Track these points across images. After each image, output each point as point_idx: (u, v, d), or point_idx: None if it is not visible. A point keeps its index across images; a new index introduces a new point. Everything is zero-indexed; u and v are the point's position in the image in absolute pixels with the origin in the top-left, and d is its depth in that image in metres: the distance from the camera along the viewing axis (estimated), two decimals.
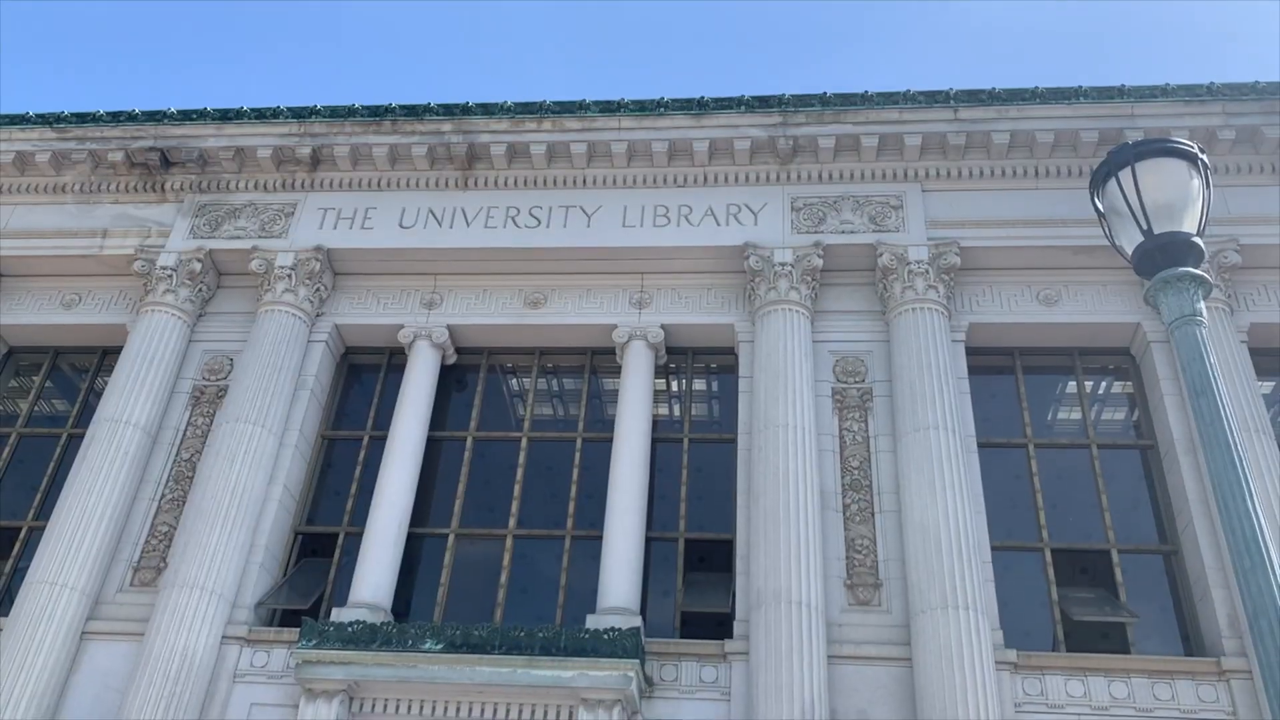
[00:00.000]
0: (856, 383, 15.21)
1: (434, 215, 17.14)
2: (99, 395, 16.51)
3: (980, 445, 14.76)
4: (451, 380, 17.12)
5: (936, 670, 12.24)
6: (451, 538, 15.50)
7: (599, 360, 16.87)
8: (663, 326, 16.15)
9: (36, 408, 17.60)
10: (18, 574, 15.24)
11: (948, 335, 15.08)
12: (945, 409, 14.19)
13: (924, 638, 12.57)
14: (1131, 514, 14.76)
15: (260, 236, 17.16)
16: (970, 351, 15.61)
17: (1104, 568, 14.21)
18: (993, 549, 13.83)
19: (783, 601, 12.90)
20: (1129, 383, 15.91)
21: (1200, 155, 7.15)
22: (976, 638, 12.42)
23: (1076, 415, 16.02)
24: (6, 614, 14.18)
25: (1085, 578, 14.35)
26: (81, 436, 15.96)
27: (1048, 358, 16.08)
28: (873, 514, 14.06)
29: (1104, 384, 16.29)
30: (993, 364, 16.04)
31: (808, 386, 14.69)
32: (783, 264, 15.69)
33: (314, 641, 13.22)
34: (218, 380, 16.40)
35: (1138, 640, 13.54)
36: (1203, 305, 6.68)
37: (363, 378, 17.53)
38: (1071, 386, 16.04)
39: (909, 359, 14.69)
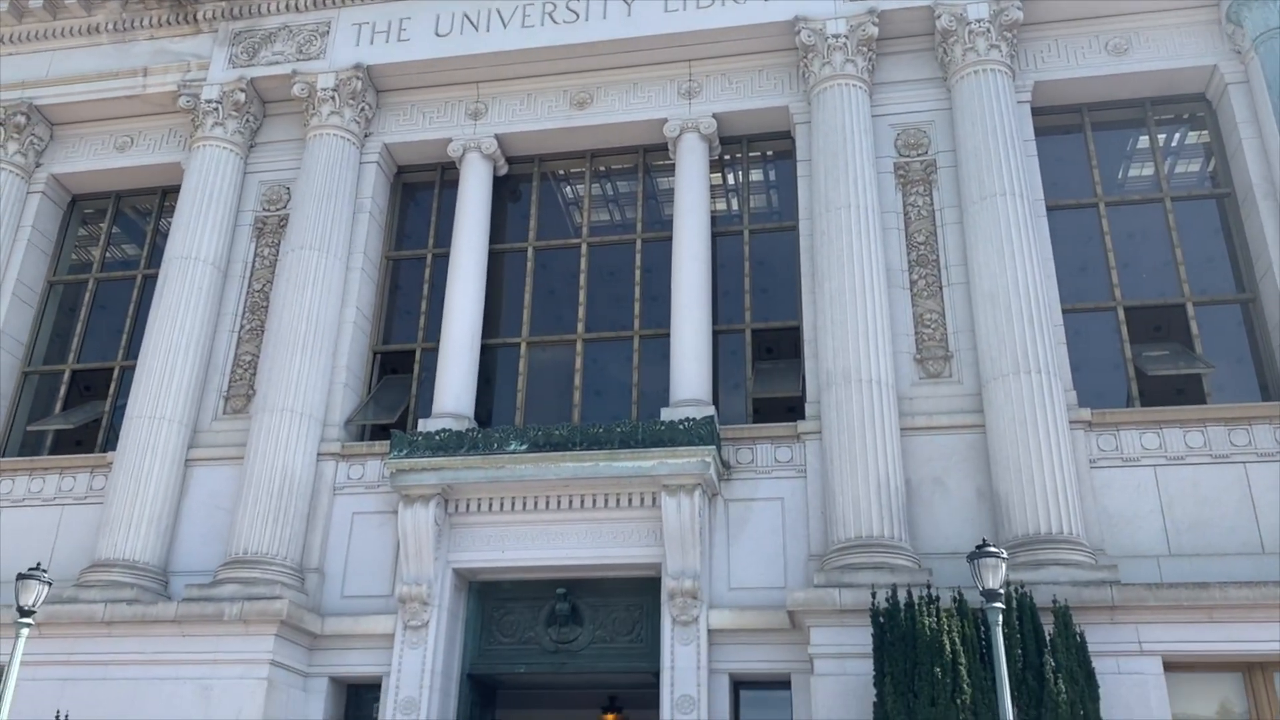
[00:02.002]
0: (919, 155, 14.79)
1: (469, 20, 16.60)
2: (165, 236, 16.79)
3: (1049, 209, 14.42)
4: (505, 192, 17.04)
5: (1010, 433, 12.41)
6: (523, 346, 15.81)
7: (652, 158, 16.58)
8: (715, 116, 15.74)
9: (108, 254, 17.99)
10: (117, 411, 16.00)
11: (1012, 97, 14.47)
12: (1012, 174, 13.79)
13: (996, 403, 12.69)
14: (1207, 266, 14.44)
15: (298, 60, 16.87)
16: (1036, 112, 15.02)
17: (1179, 322, 14.05)
18: (1064, 312, 13.73)
19: (853, 380, 13.05)
20: (1204, 131, 15.23)
21: None
22: (1049, 399, 12.50)
23: (1148, 171, 15.46)
24: (114, 449, 14.99)
25: (1159, 334, 14.22)
26: (155, 277, 16.36)
27: (1118, 111, 15.40)
28: (940, 288, 13.96)
29: (1177, 135, 15.62)
30: (1060, 124, 15.44)
31: (869, 164, 14.34)
32: (836, 36, 15.01)
33: (405, 451, 13.80)
34: (277, 210, 16.54)
35: (1213, 391, 13.51)
36: None
37: (418, 197, 17.53)
38: (1143, 141, 15.41)
39: (973, 125, 14.19)
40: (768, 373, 14.98)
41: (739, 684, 12.93)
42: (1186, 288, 14.11)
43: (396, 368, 16.35)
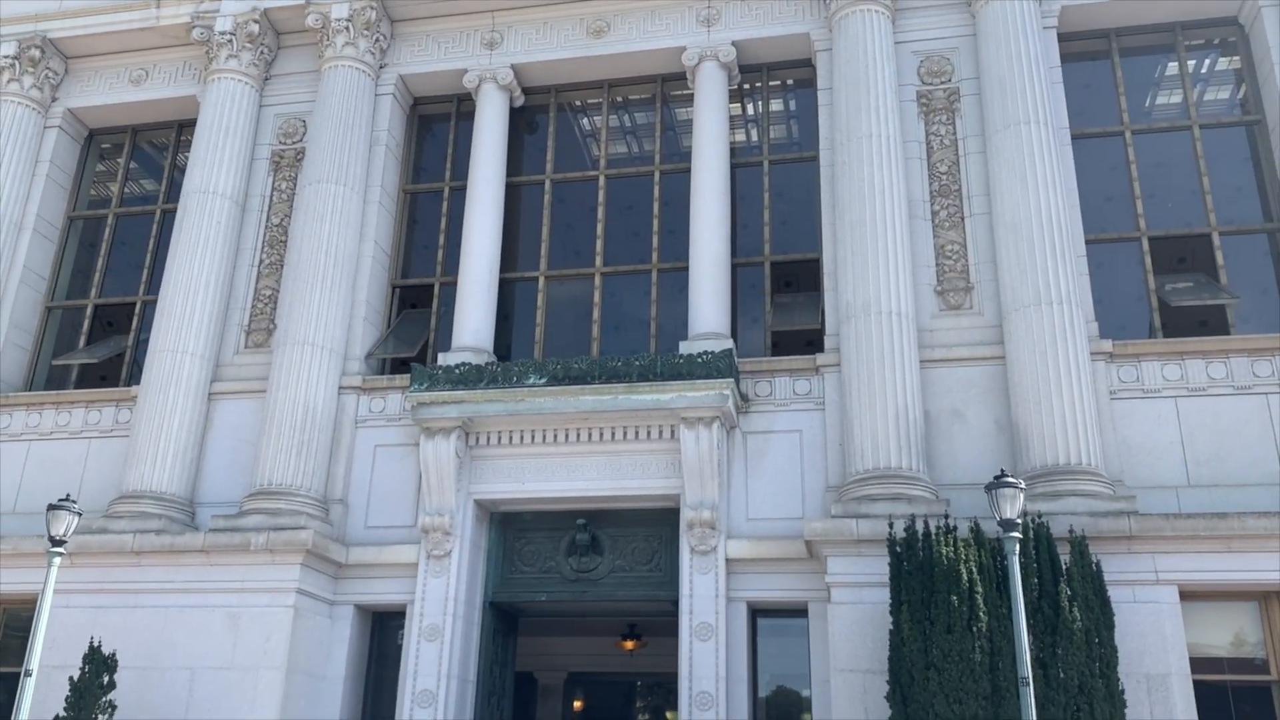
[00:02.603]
0: (942, 83, 14.53)
1: None
2: (182, 171, 16.76)
3: (1074, 137, 14.18)
4: (522, 123, 16.89)
5: (1030, 365, 12.37)
6: (541, 280, 15.79)
7: (670, 88, 16.37)
8: (734, 44, 15.47)
9: (126, 189, 17.99)
10: (140, 346, 16.14)
11: (1038, 22, 14.14)
12: (1037, 102, 13.54)
13: (1017, 335, 12.63)
14: (1235, 196, 14.20)
15: None
16: (1062, 38, 14.69)
17: (1204, 253, 13.87)
18: (1087, 243, 13.58)
19: (873, 312, 12.99)
20: (1235, 57, 14.88)
21: None
22: (1070, 330, 12.42)
23: (1176, 99, 15.16)
24: (138, 383, 15.15)
25: (1184, 265, 14.06)
26: (174, 212, 16.37)
27: (1146, 37, 15.04)
28: (962, 218, 13.81)
29: (1207, 61, 15.26)
30: (1087, 49, 15.10)
31: (891, 92, 14.11)
32: None
33: (425, 385, 13.89)
34: (294, 144, 16.47)
35: (1238, 323, 13.38)
36: None
37: (434, 129, 17.41)
38: (1172, 67, 15.07)
39: (997, 52, 13.90)
40: (787, 306, 14.93)
41: (756, 612, 13.12)
42: (1213, 217, 13.90)
43: (416, 302, 16.39)
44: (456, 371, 13.94)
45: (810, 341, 14.25)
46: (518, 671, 15.36)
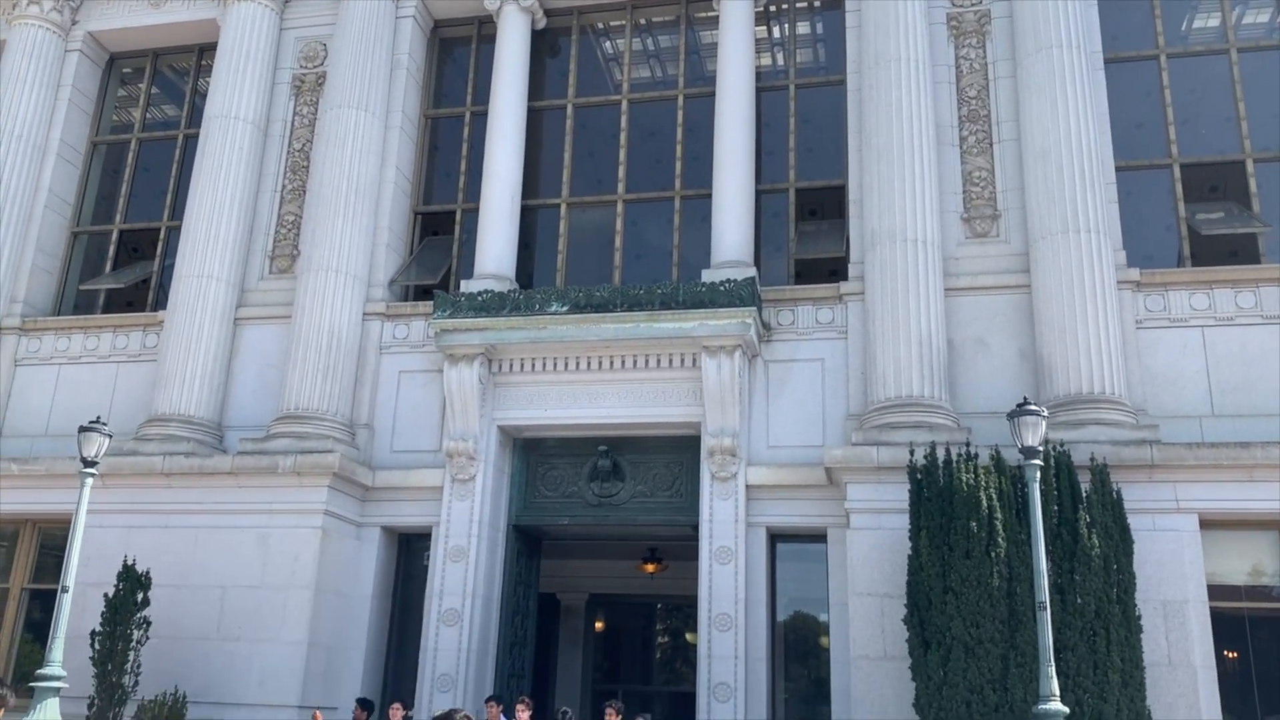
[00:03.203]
0: (973, 5, 14.20)
1: None
2: (204, 96, 16.69)
3: (1107, 61, 13.87)
4: (544, 47, 16.65)
5: (1056, 293, 12.28)
6: (564, 207, 15.72)
7: (695, 10, 16.07)
8: None
9: (148, 114, 17.94)
10: (166, 271, 16.24)
11: None
12: (1069, 25, 13.23)
13: (1044, 263, 12.52)
14: (1271, 123, 13.89)
15: None
16: None
17: (1236, 181, 13.62)
18: (1117, 170, 13.37)
19: (898, 240, 12.89)
20: None
21: None
22: (1098, 259, 12.30)
23: (1214, 22, 14.74)
24: (164, 308, 15.28)
25: (1215, 194, 13.83)
26: (196, 137, 16.33)
27: None
28: (991, 144, 13.61)
29: None
30: None
31: (920, 15, 13.80)
32: None
33: (448, 311, 13.95)
34: (315, 68, 16.34)
35: (1268, 252, 13.19)
36: None
37: (455, 53, 17.20)
38: None
39: None
40: (811, 234, 14.83)
41: (776, 537, 13.27)
42: (1248, 144, 13.62)
43: (438, 229, 16.37)
44: (479, 299, 13.98)
45: (834, 271, 14.17)
46: (541, 593, 15.65)
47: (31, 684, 11.05)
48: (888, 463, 11.76)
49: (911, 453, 11.23)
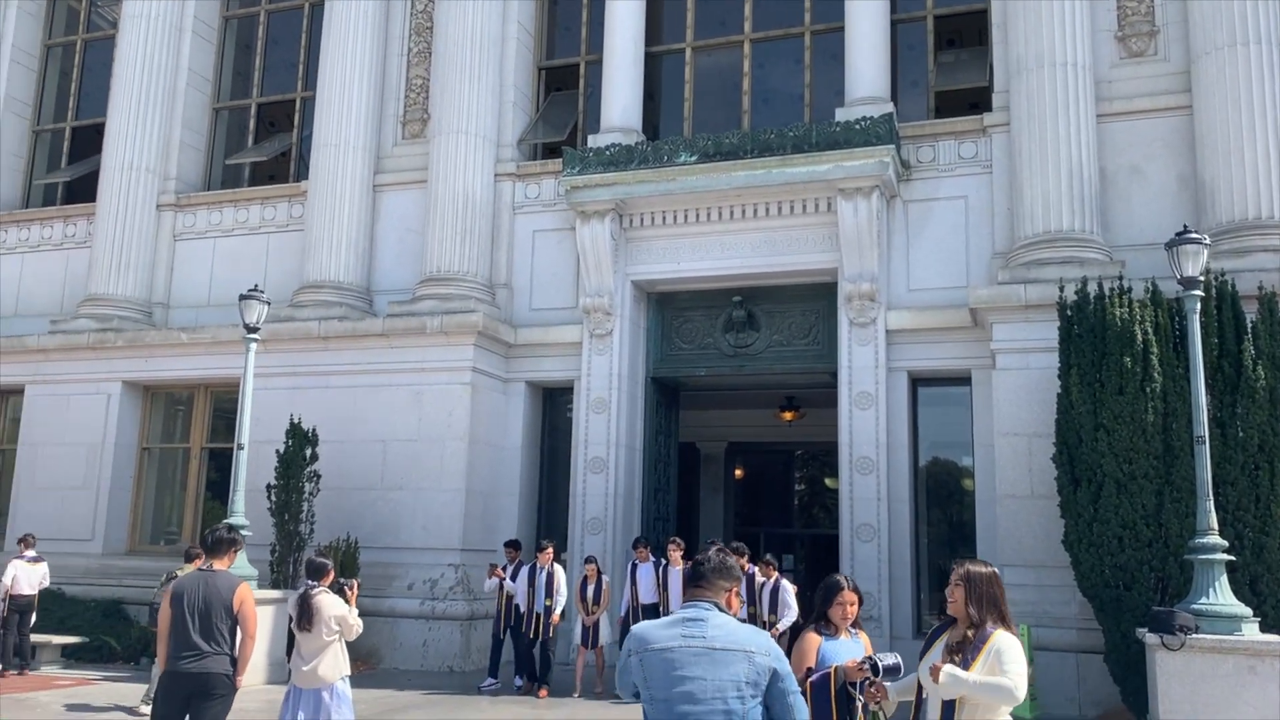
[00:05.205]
0: None
1: None
2: None
3: None
4: None
5: (1220, 113, 11.44)
6: (688, 52, 15.34)
7: None
8: None
9: None
10: (304, 142, 16.66)
11: None
12: None
13: (1206, 80, 11.63)
14: None
15: None
16: None
17: None
18: None
19: (1046, 64, 12.15)
20: None
21: None
22: (1268, 73, 11.37)
23: None
24: (305, 179, 15.75)
25: None
26: (322, 5, 16.41)
27: None
28: None
29: None
30: None
31: None
32: None
33: (576, 168, 13.95)
34: None
35: None
36: None
37: None
38: None
39: None
40: (950, 65, 14.12)
41: (917, 381, 13.15)
42: None
43: (562, 84, 16.23)
44: (607, 153, 13.91)
45: (975, 104, 13.51)
46: (681, 442, 16.03)
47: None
48: (1035, 300, 11.40)
49: (1061, 289, 10.83)
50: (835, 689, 4.10)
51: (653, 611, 11.21)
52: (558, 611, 11.54)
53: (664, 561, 11.65)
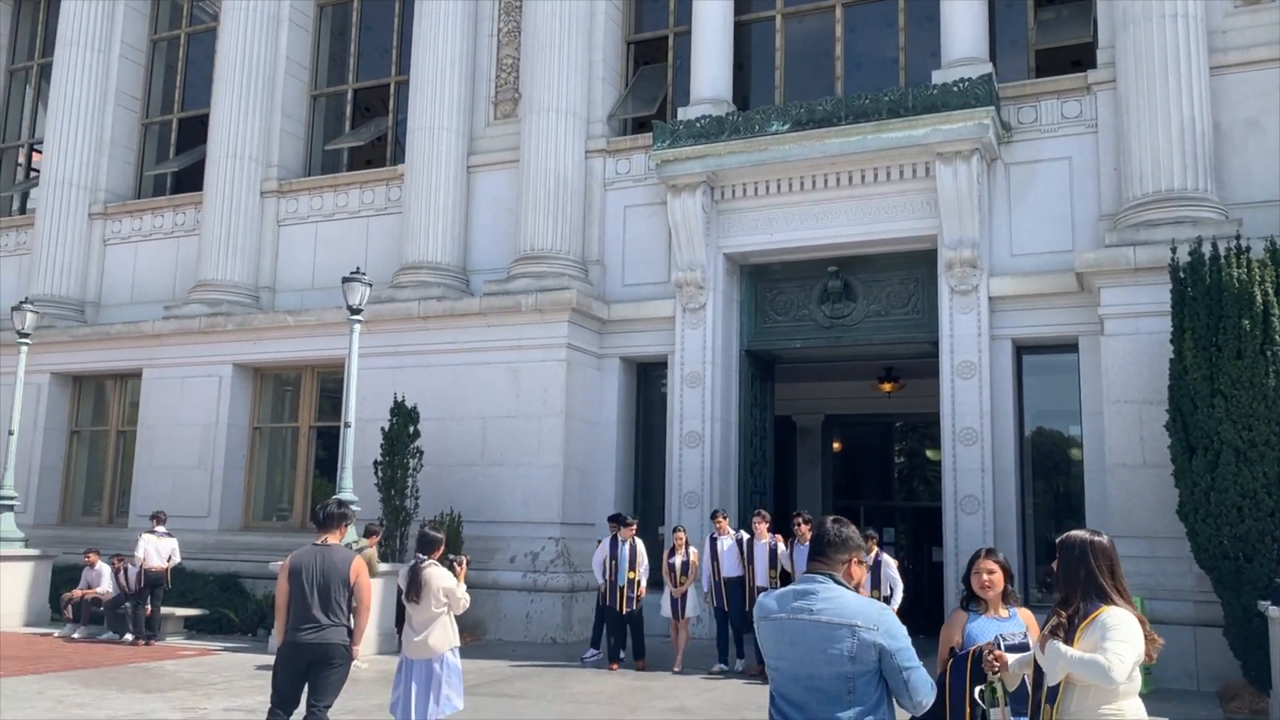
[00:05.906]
0: None
1: None
2: None
3: None
4: None
5: None
6: (778, 19, 15.11)
7: None
8: None
9: None
10: (399, 126, 16.94)
11: None
12: None
13: None
14: None
15: None
16: None
17: None
18: None
19: (1154, 15, 11.63)
20: None
21: None
22: None
23: None
24: (402, 162, 16.02)
25: None
26: None
27: None
28: None
29: None
30: None
31: None
32: None
33: (666, 141, 13.89)
34: None
35: None
36: None
37: None
38: None
39: None
40: (1051, 21, 13.63)
41: (1021, 349, 12.82)
42: None
43: (650, 58, 16.16)
44: (697, 125, 13.82)
45: (1077, 61, 13.04)
46: (777, 415, 15.92)
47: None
48: (1146, 263, 10.98)
49: (1174, 250, 10.40)
50: (970, 670, 3.89)
51: (737, 585, 10.97)
52: (644, 583, 11.29)
53: (749, 535, 11.20)
